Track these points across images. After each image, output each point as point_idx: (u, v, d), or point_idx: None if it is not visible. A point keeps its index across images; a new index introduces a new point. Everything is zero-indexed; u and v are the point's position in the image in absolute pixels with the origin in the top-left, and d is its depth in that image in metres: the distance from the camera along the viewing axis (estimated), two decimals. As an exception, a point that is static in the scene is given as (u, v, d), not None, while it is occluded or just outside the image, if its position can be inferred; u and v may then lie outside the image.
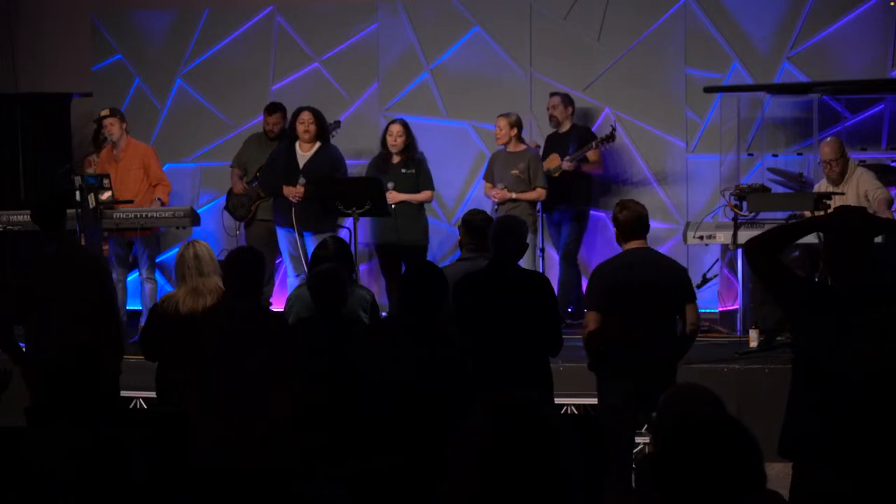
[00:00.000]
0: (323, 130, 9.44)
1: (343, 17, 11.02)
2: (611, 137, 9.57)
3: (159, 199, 9.67)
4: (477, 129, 10.71)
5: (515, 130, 9.38)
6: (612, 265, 6.21)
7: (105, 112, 9.78)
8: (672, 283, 6.08)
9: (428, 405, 4.95)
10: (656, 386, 5.94)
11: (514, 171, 9.27)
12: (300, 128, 9.38)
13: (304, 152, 9.42)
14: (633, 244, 6.15)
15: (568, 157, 9.57)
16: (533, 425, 2.44)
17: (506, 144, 9.44)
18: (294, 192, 9.22)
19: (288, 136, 9.57)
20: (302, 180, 9.21)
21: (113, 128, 9.68)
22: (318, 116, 9.43)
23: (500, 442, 2.41)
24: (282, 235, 9.55)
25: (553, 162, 9.64)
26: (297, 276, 9.37)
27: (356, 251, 8.79)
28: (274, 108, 10.19)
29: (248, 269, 5.54)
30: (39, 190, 10.85)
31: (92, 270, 6.57)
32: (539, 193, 9.28)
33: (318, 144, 9.42)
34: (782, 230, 4.88)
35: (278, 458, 5.22)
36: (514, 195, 9.22)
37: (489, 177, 9.52)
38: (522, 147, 9.44)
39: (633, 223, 6.14)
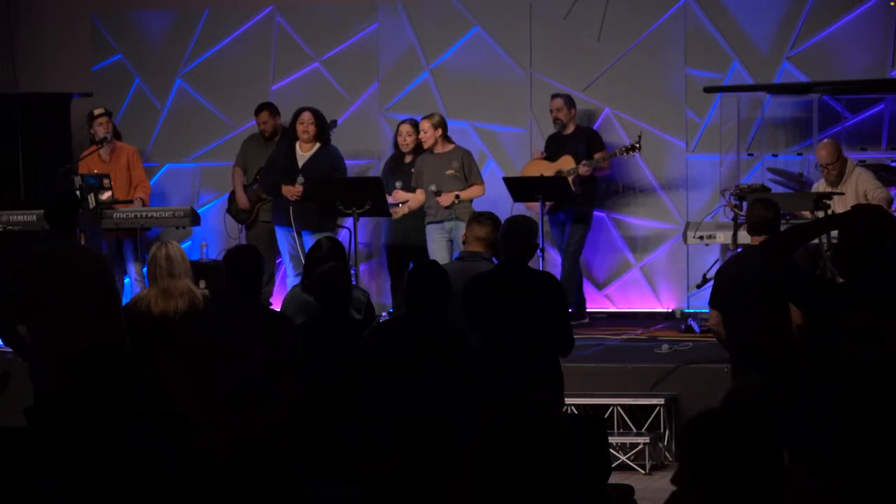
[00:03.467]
0: (323, 131, 9.47)
1: (343, 17, 11.01)
2: (634, 148, 9.48)
3: (140, 198, 9.72)
4: (477, 129, 10.70)
5: (440, 131, 9.26)
6: (727, 262, 6.35)
7: (100, 110, 9.84)
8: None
9: (436, 405, 4.93)
10: (773, 386, 5.92)
11: (450, 171, 9.16)
12: (300, 128, 9.41)
13: (303, 152, 9.45)
14: (755, 240, 6.22)
15: (586, 162, 9.48)
16: (542, 425, 2.44)
17: (432, 147, 9.30)
18: (293, 192, 9.22)
19: (288, 136, 9.61)
20: (301, 179, 9.23)
21: (101, 127, 9.73)
22: (318, 117, 9.45)
23: (508, 442, 2.41)
24: (281, 235, 9.57)
25: (567, 164, 9.58)
26: (297, 275, 9.36)
27: (356, 251, 8.80)
28: (259, 109, 10.24)
29: (246, 266, 5.45)
30: (40, 190, 10.85)
31: (93, 269, 6.54)
32: (479, 189, 9.21)
33: (317, 145, 9.45)
34: (802, 229, 4.90)
35: (274, 457, 5.21)
36: (459, 195, 9.03)
37: (418, 182, 9.32)
38: (451, 146, 9.34)
39: (750, 221, 6.34)
